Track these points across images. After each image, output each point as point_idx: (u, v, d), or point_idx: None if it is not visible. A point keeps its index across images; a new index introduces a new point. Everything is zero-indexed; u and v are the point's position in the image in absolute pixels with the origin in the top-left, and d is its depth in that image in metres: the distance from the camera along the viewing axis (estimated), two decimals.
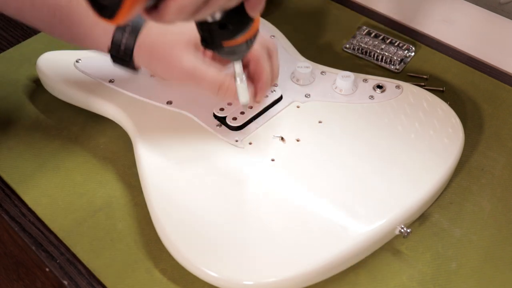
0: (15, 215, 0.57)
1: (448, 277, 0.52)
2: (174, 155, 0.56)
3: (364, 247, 0.50)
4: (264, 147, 0.57)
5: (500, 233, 0.55)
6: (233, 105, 0.60)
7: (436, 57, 0.72)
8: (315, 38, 0.75)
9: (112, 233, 0.55)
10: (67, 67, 0.64)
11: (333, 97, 0.62)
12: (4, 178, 0.60)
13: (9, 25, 0.78)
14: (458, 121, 0.59)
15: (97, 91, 0.62)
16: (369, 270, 0.52)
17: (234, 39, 0.44)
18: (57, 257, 0.54)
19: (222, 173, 0.55)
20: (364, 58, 0.72)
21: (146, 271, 0.52)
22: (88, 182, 0.59)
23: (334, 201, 0.52)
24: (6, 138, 0.63)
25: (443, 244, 0.54)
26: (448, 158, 0.56)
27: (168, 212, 0.52)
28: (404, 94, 0.62)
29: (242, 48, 0.46)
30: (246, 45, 0.46)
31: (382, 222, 0.51)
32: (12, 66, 0.71)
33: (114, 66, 0.56)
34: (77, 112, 0.65)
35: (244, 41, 0.45)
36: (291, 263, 0.48)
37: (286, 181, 0.54)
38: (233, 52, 0.46)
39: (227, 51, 0.46)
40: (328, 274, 0.50)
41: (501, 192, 0.58)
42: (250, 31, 0.45)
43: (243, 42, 0.45)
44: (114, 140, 0.63)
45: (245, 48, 0.46)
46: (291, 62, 0.65)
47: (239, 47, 0.46)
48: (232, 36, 0.44)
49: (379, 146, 0.57)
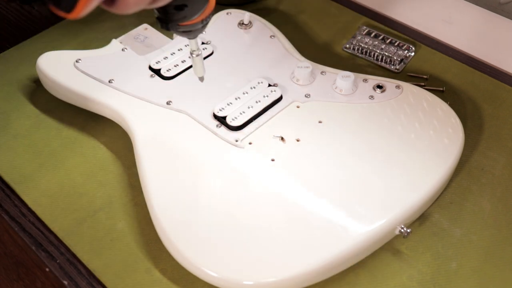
0: (15, 215, 0.57)
1: (448, 277, 0.52)
2: (174, 155, 0.56)
3: (364, 247, 0.50)
4: (264, 147, 0.57)
5: (500, 233, 0.55)
6: (233, 105, 0.60)
7: (436, 57, 0.72)
8: (315, 38, 0.75)
9: (112, 233, 0.55)
10: (67, 67, 0.64)
11: (333, 97, 0.62)
12: (4, 178, 0.60)
13: (9, 25, 0.78)
14: (458, 121, 0.59)
15: (97, 91, 0.62)
16: (369, 270, 0.52)
17: (190, 19, 0.44)
18: (57, 257, 0.54)
19: (222, 173, 0.55)
20: (364, 58, 0.72)
21: (146, 271, 0.52)
22: (88, 182, 0.59)
23: (334, 201, 0.52)
24: (6, 138, 0.63)
25: (443, 244, 0.54)
26: (448, 158, 0.56)
27: (168, 212, 0.52)
28: (404, 94, 0.62)
29: (198, 27, 0.46)
30: (201, 24, 0.46)
31: (382, 222, 0.51)
32: (12, 66, 0.71)
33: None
34: (77, 112, 0.65)
35: (199, 20, 0.45)
36: (291, 263, 0.48)
37: (286, 181, 0.54)
38: (189, 31, 0.46)
39: (183, 31, 0.46)
40: (328, 274, 0.50)
41: (501, 192, 0.58)
42: (206, 11, 0.45)
43: (199, 21, 0.45)
44: (114, 140, 0.63)
45: (200, 27, 0.47)
46: (291, 62, 0.65)
47: (195, 26, 0.46)
48: (187, 17, 0.44)
49: (379, 146, 0.57)
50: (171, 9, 0.43)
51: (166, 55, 0.65)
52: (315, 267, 0.48)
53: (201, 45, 0.66)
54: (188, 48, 0.66)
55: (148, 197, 0.53)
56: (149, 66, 0.64)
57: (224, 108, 0.59)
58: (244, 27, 0.70)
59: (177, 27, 0.45)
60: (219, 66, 0.65)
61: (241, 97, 0.61)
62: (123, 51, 0.66)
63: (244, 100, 0.60)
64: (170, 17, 0.44)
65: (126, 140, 0.61)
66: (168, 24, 0.45)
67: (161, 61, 0.64)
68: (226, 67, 0.65)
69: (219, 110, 0.59)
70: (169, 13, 0.43)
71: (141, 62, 0.65)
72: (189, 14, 0.44)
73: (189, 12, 0.43)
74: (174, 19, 0.44)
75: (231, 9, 0.72)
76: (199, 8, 0.44)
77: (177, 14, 0.43)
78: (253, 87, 0.62)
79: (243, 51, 0.67)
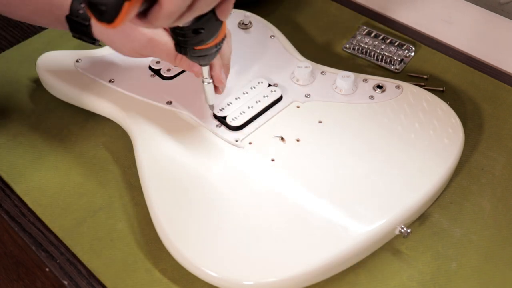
0: (15, 215, 0.57)
1: (448, 277, 0.52)
2: (174, 155, 0.56)
3: (364, 247, 0.50)
4: (264, 147, 0.57)
5: (500, 233, 0.55)
6: (233, 105, 0.60)
7: (436, 57, 0.72)
8: (315, 38, 0.75)
9: (112, 233, 0.55)
10: (67, 67, 0.64)
11: (333, 97, 0.62)
12: (4, 178, 0.60)
13: (9, 25, 0.78)
14: (458, 121, 0.59)
15: (97, 91, 0.62)
16: (369, 270, 0.52)
17: (205, 43, 0.48)
18: (57, 257, 0.54)
19: (222, 173, 0.55)
20: (364, 58, 0.72)
21: (146, 271, 0.52)
22: (88, 182, 0.59)
23: (334, 201, 0.52)
24: (6, 138, 0.63)
25: (443, 244, 0.54)
26: (448, 158, 0.56)
27: (168, 212, 0.52)
28: (404, 94, 0.62)
29: (212, 51, 0.50)
30: (215, 48, 0.50)
31: (382, 222, 0.51)
32: (12, 66, 0.71)
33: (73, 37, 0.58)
34: (77, 112, 0.65)
35: (213, 45, 0.49)
36: (291, 263, 0.48)
37: (286, 181, 0.54)
38: (204, 55, 0.50)
39: (198, 55, 0.49)
40: (328, 274, 0.50)
41: (501, 192, 0.58)
42: (219, 35, 0.48)
43: (213, 46, 0.49)
44: (114, 140, 0.63)
45: (214, 51, 0.50)
46: (291, 62, 0.65)
47: (209, 50, 0.49)
48: (204, 40, 0.47)
49: (379, 146, 0.57)
50: (189, 33, 0.45)
51: None
52: (315, 267, 0.48)
53: None
54: None
55: (148, 197, 0.53)
56: (149, 66, 0.64)
57: (224, 108, 0.59)
58: (244, 27, 0.70)
59: (193, 51, 0.48)
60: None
61: (241, 97, 0.61)
62: None
63: (244, 100, 0.60)
64: (189, 40, 0.46)
65: (126, 140, 0.61)
66: (186, 48, 0.48)
67: (161, 61, 0.64)
68: None
69: (219, 110, 0.59)
70: (187, 37, 0.46)
71: (141, 62, 0.65)
72: (205, 38, 0.47)
73: (205, 36, 0.46)
74: (192, 43, 0.47)
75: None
76: (214, 32, 0.47)
77: (195, 38, 0.46)
78: (253, 87, 0.62)
79: (243, 51, 0.67)
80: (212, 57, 0.51)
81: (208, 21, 0.45)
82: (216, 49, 0.50)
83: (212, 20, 0.45)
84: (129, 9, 0.36)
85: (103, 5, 0.36)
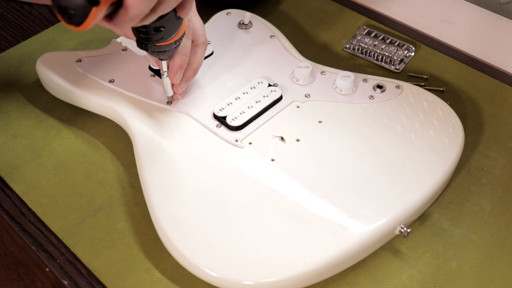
0: (15, 215, 0.57)
1: (448, 277, 0.52)
2: (174, 155, 0.56)
3: (364, 247, 0.50)
4: (264, 147, 0.57)
5: (500, 233, 0.55)
6: (233, 104, 0.60)
7: (436, 57, 0.72)
8: (315, 38, 0.75)
9: (112, 233, 0.55)
10: (67, 67, 0.64)
11: (333, 97, 0.62)
12: (4, 178, 0.60)
13: (9, 25, 0.78)
14: (458, 121, 0.59)
15: (97, 91, 0.62)
16: (369, 270, 0.52)
17: (166, 40, 0.51)
18: (57, 257, 0.54)
19: (222, 173, 0.55)
20: (364, 58, 0.72)
21: (146, 271, 0.52)
22: (88, 182, 0.59)
23: (334, 201, 0.52)
24: (6, 138, 0.63)
25: (443, 244, 0.54)
26: (448, 158, 0.56)
27: (168, 212, 0.52)
28: (404, 94, 0.62)
29: (171, 47, 0.53)
30: (175, 45, 0.53)
31: (382, 222, 0.51)
32: (12, 66, 0.71)
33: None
34: (77, 112, 0.65)
35: (173, 41, 0.52)
36: (291, 263, 0.48)
37: (286, 181, 0.54)
38: (164, 51, 0.53)
39: (159, 50, 0.52)
40: (328, 274, 0.50)
41: (501, 192, 0.58)
42: (179, 32, 0.52)
43: (173, 42, 0.52)
44: (114, 140, 0.63)
45: (174, 47, 0.53)
46: (291, 62, 0.65)
47: (169, 47, 0.53)
48: (164, 37, 0.50)
49: (379, 146, 0.57)
50: (151, 31, 0.49)
51: None
52: (315, 267, 0.48)
53: None
54: None
55: (148, 197, 0.53)
56: (149, 66, 0.64)
57: (224, 108, 0.59)
58: (244, 27, 0.70)
59: (154, 48, 0.52)
60: (219, 66, 0.65)
61: (241, 97, 0.61)
62: (123, 51, 0.66)
63: (244, 100, 0.60)
64: (150, 38, 0.50)
65: (126, 140, 0.61)
66: (147, 44, 0.51)
67: None
68: (226, 67, 0.65)
69: (219, 110, 0.59)
70: (148, 34, 0.50)
71: (141, 62, 0.65)
72: (165, 35, 0.50)
73: (166, 33, 0.50)
74: (153, 40, 0.50)
75: (231, 9, 0.72)
76: (174, 29, 0.51)
77: (155, 35, 0.50)
78: (253, 87, 0.62)
79: (243, 51, 0.67)
80: (171, 52, 0.54)
81: (169, 20, 0.49)
82: (176, 45, 0.53)
83: (172, 19, 0.49)
84: (96, 13, 0.39)
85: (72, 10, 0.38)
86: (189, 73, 0.60)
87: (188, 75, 0.60)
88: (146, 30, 0.49)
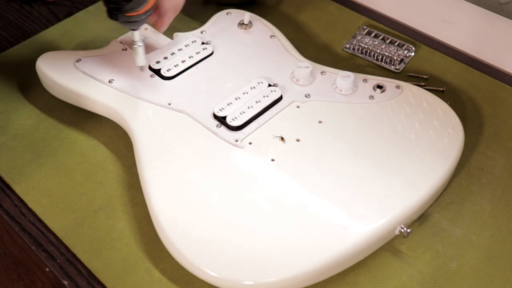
0: (15, 215, 0.57)
1: (448, 277, 0.52)
2: (174, 155, 0.56)
3: (364, 247, 0.50)
4: (264, 147, 0.57)
5: (500, 233, 0.55)
6: (233, 105, 0.60)
7: (436, 57, 0.72)
8: (315, 38, 0.75)
9: (112, 233, 0.55)
10: (67, 67, 0.64)
11: (333, 97, 0.62)
12: (4, 178, 0.60)
13: (9, 25, 0.78)
14: (458, 121, 0.59)
15: (97, 91, 0.62)
16: (369, 270, 0.52)
17: (136, 10, 0.53)
18: (57, 257, 0.54)
19: (222, 173, 0.55)
20: (364, 58, 0.72)
21: (146, 271, 0.52)
22: (88, 182, 0.59)
23: (334, 201, 0.52)
24: (6, 138, 0.63)
25: (443, 244, 0.54)
26: (448, 158, 0.56)
27: (168, 212, 0.52)
28: (404, 94, 0.62)
29: (142, 17, 0.55)
30: (145, 15, 0.55)
31: (382, 222, 0.51)
32: (12, 66, 0.71)
33: None
34: (77, 112, 0.65)
35: (144, 11, 0.54)
36: (291, 263, 0.48)
37: (286, 181, 0.54)
38: (134, 22, 0.55)
39: (130, 21, 0.54)
40: (328, 274, 0.50)
41: (501, 192, 0.58)
42: (150, 2, 0.54)
43: (143, 13, 0.54)
44: (114, 140, 0.63)
45: (144, 18, 0.55)
46: (291, 62, 0.65)
47: (140, 17, 0.55)
48: (134, 8, 0.53)
49: (379, 146, 0.57)
50: (121, 1, 0.52)
51: (166, 55, 0.65)
52: (315, 267, 0.48)
53: (201, 45, 0.66)
54: (189, 48, 0.66)
55: (148, 197, 0.53)
56: (149, 66, 0.64)
57: (224, 108, 0.59)
58: (244, 27, 0.70)
59: (125, 18, 0.54)
60: (219, 66, 0.65)
61: (241, 97, 0.61)
62: (123, 51, 0.66)
63: (244, 100, 0.60)
64: (120, 8, 0.52)
65: (126, 140, 0.61)
66: (118, 15, 0.53)
67: (161, 61, 0.64)
68: (226, 67, 0.65)
69: (219, 110, 0.59)
70: (119, 5, 0.52)
71: None
72: (135, 5, 0.53)
73: (136, 4, 0.52)
74: (123, 10, 0.52)
75: (231, 9, 0.72)
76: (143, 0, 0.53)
77: (125, 6, 0.52)
78: (253, 87, 0.62)
79: (243, 51, 0.67)
80: (142, 22, 0.56)
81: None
82: (146, 16, 0.55)
83: None
84: None
85: None
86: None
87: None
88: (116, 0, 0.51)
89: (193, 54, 0.65)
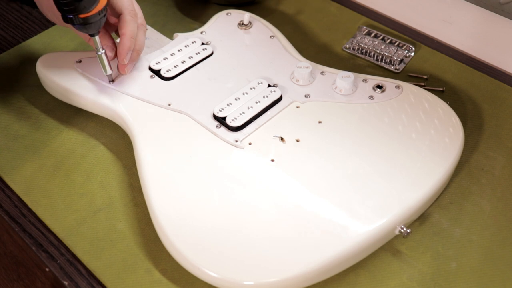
0: (15, 215, 0.57)
1: (448, 277, 0.52)
2: (174, 155, 0.56)
3: (364, 247, 0.50)
4: (264, 147, 0.57)
5: (500, 233, 0.55)
6: (233, 105, 0.60)
7: (436, 57, 0.72)
8: (315, 38, 0.75)
9: (112, 233, 0.55)
10: (67, 67, 0.64)
11: (333, 97, 0.62)
12: (4, 179, 0.60)
13: (9, 26, 0.78)
14: (458, 121, 0.59)
15: (97, 92, 0.62)
16: (369, 270, 0.52)
17: (88, 10, 0.53)
18: (57, 257, 0.54)
19: (222, 173, 0.55)
20: (364, 58, 0.72)
21: (146, 271, 0.52)
22: (88, 183, 0.59)
23: (334, 201, 0.52)
24: (6, 139, 0.63)
25: (443, 244, 0.54)
26: (448, 158, 0.56)
27: (167, 213, 0.52)
28: (404, 94, 0.62)
29: (96, 18, 0.55)
30: (99, 15, 0.55)
31: (382, 222, 0.51)
32: (12, 66, 0.71)
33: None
34: (77, 112, 0.65)
35: (96, 12, 0.54)
36: (291, 263, 0.48)
37: (286, 181, 0.54)
38: (89, 23, 0.54)
39: (84, 23, 0.54)
40: (328, 274, 0.50)
41: (501, 192, 0.58)
42: (101, 2, 0.54)
43: (96, 13, 0.54)
44: (114, 140, 0.63)
45: (98, 18, 0.55)
46: (291, 62, 0.65)
47: (94, 18, 0.54)
48: (86, 7, 0.53)
49: (379, 146, 0.57)
50: (72, 2, 0.52)
51: (166, 56, 0.65)
52: (315, 267, 0.48)
53: (201, 46, 0.66)
54: (189, 49, 0.66)
55: (148, 197, 0.53)
56: (149, 66, 0.64)
57: (224, 108, 0.59)
58: (244, 27, 0.70)
59: (79, 20, 0.54)
60: (219, 67, 0.65)
61: (241, 97, 0.61)
62: None
63: (244, 100, 0.60)
64: (72, 9, 0.52)
65: (126, 141, 0.61)
66: (72, 16, 0.53)
67: (161, 61, 0.64)
68: (226, 67, 0.65)
69: (219, 111, 0.59)
70: (70, 6, 0.52)
71: (141, 62, 0.65)
72: (87, 5, 0.52)
73: (87, 3, 0.52)
74: (77, 10, 0.52)
75: (231, 10, 0.72)
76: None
77: (78, 6, 0.52)
78: (253, 87, 0.62)
79: (243, 51, 0.67)
80: (98, 24, 0.55)
81: None
82: (100, 16, 0.55)
83: None
84: None
85: None
86: (134, 54, 0.61)
87: (134, 57, 0.62)
88: (67, 1, 0.51)
89: (193, 55, 0.65)
